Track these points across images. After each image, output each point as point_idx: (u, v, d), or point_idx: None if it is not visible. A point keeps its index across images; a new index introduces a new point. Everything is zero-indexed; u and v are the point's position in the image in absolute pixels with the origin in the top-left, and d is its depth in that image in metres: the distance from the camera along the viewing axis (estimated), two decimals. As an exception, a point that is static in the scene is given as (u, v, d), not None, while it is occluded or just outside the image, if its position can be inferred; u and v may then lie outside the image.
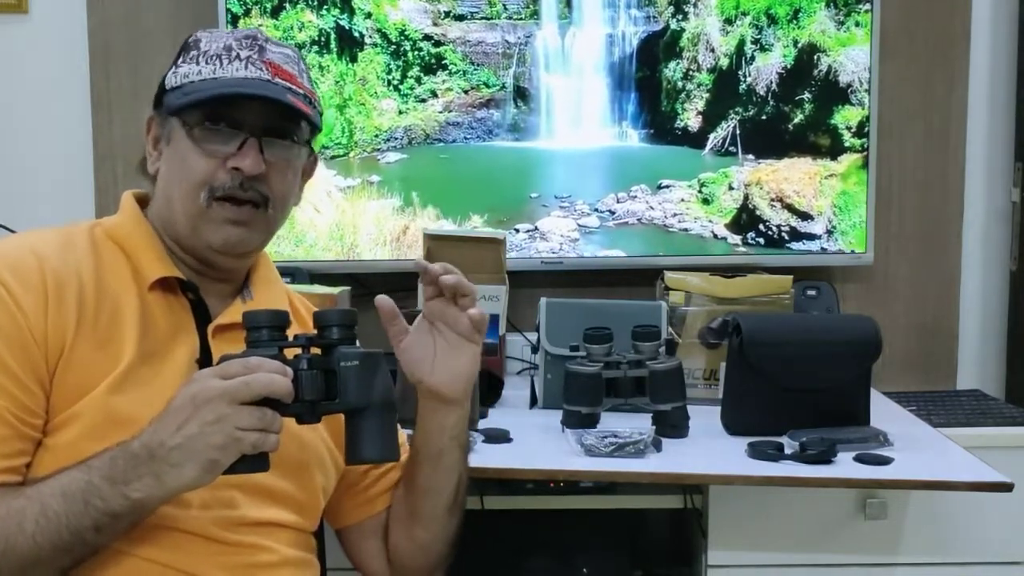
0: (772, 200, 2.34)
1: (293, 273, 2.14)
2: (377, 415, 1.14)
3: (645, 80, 2.33)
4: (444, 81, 2.31)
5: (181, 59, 1.25)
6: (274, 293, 1.33)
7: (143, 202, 1.29)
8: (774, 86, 2.32)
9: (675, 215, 2.34)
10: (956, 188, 2.44)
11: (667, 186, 2.35)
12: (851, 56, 2.31)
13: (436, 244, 2.11)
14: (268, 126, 1.23)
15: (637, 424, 1.73)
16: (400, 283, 2.02)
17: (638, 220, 2.35)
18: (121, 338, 1.16)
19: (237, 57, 1.22)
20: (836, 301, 2.34)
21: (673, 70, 2.32)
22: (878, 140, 2.34)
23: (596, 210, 2.35)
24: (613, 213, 2.35)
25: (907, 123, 2.42)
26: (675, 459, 1.68)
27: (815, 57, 2.31)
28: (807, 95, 2.33)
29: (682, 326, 2.08)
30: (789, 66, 2.32)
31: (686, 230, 2.35)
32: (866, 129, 2.33)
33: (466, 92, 2.32)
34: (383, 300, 1.23)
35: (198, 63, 1.23)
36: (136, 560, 1.13)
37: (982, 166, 2.46)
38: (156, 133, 1.27)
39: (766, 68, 2.32)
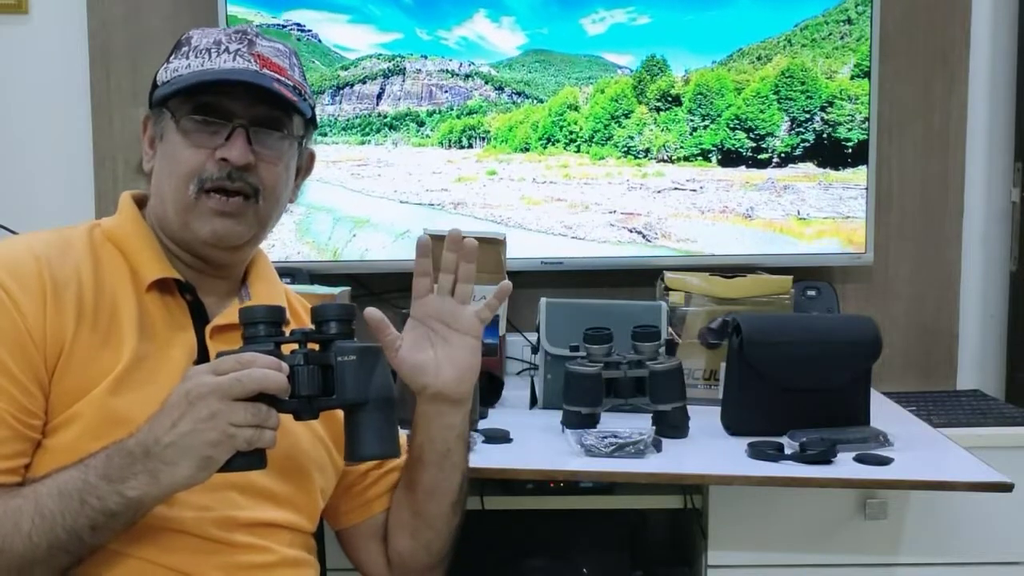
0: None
1: (293, 274, 2.14)
2: (376, 411, 1.13)
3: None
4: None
5: (173, 56, 1.25)
6: (272, 292, 1.33)
7: (141, 202, 1.29)
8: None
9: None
10: (956, 188, 2.44)
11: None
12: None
13: (436, 244, 2.10)
14: (257, 117, 1.22)
15: (637, 424, 1.73)
16: (400, 283, 2.02)
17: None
18: (119, 339, 1.16)
19: (226, 51, 1.22)
20: (836, 301, 2.34)
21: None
22: (878, 140, 2.35)
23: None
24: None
25: (907, 123, 2.42)
26: (675, 459, 1.68)
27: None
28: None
29: (682, 326, 2.08)
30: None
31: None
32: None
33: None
34: (372, 312, 1.20)
35: (187, 58, 1.23)
36: (134, 561, 1.13)
37: (982, 166, 2.46)
38: (151, 132, 1.27)
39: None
